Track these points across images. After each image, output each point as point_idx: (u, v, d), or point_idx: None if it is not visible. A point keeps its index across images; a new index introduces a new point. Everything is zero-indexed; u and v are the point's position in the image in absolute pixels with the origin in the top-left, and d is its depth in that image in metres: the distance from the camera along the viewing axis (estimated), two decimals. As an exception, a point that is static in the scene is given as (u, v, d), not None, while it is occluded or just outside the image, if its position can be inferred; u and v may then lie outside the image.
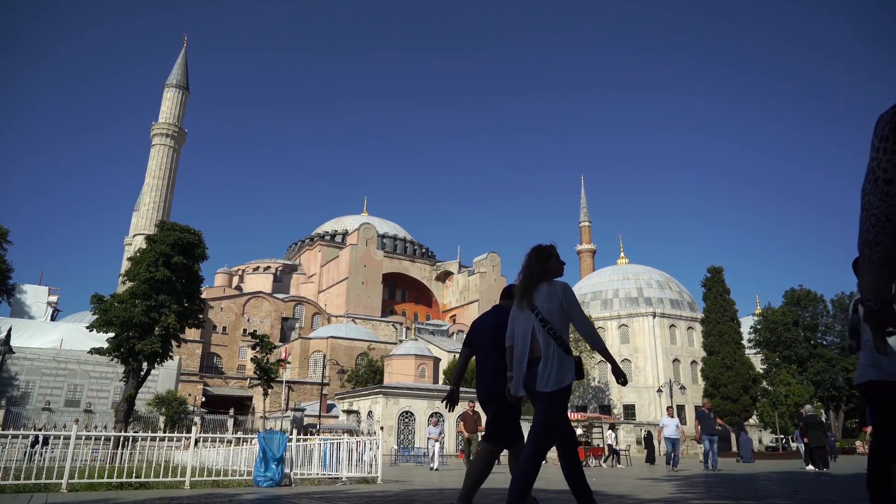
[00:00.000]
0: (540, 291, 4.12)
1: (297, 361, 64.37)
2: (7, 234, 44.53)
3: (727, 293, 54.51)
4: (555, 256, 4.29)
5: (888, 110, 2.10)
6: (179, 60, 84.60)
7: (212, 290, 79.90)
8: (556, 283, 4.17)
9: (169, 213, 78.18)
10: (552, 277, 4.21)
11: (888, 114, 2.08)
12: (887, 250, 1.92)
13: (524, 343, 4.15)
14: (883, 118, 2.08)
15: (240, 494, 8.40)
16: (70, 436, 9.94)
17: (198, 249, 28.83)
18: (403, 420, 41.40)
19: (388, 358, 58.41)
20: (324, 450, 12.94)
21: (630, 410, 63.63)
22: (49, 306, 58.69)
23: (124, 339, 26.76)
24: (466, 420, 16.62)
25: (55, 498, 8.00)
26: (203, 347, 68.90)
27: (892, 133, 1.99)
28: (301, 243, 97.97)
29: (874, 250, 1.96)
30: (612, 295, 70.66)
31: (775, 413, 46.92)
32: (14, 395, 40.89)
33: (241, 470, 11.67)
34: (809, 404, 19.48)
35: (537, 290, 4.14)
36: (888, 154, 1.97)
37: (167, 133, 80.00)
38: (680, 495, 7.87)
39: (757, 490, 8.88)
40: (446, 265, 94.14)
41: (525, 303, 4.15)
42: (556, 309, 4.04)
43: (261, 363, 40.51)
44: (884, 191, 1.95)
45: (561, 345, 4.01)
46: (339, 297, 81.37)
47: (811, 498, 7.25)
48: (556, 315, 4.03)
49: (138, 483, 9.76)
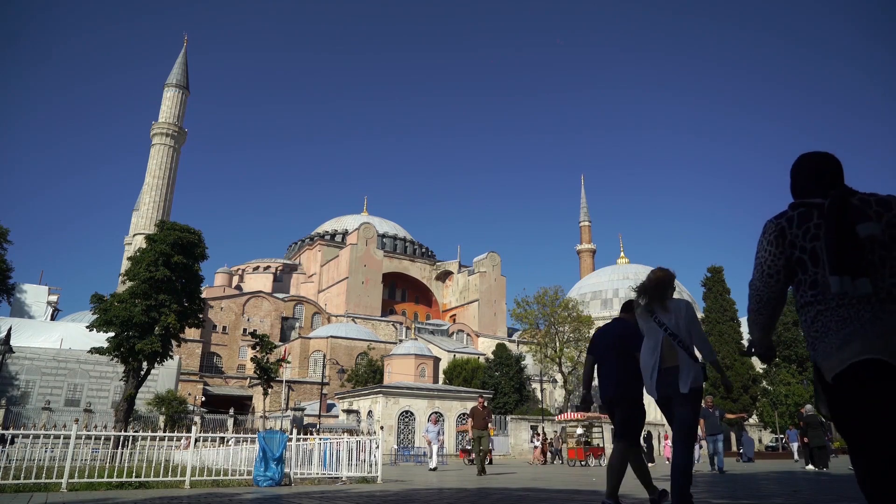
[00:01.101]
0: (664, 309, 4.80)
1: (297, 361, 64.37)
2: (7, 234, 44.56)
3: (727, 293, 54.53)
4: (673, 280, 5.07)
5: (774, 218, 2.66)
6: (179, 60, 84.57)
7: (212, 289, 79.88)
8: (679, 301, 4.86)
9: (169, 212, 78.17)
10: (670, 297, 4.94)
11: (774, 221, 2.64)
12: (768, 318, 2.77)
13: (654, 354, 4.76)
14: (770, 224, 2.65)
15: (240, 494, 8.40)
16: (70, 435, 9.94)
17: (198, 249, 28.83)
18: (403, 420, 41.40)
19: (388, 357, 58.41)
20: (324, 449, 12.94)
21: (630, 410, 63.57)
22: (49, 306, 58.69)
23: (124, 339, 26.76)
24: (476, 416, 15.52)
25: (55, 497, 8.00)
26: (203, 347, 68.89)
27: (777, 239, 2.60)
28: (301, 243, 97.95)
29: (760, 318, 2.78)
30: (612, 294, 70.71)
31: (775, 413, 46.94)
32: (14, 395, 40.89)
33: (240, 469, 11.67)
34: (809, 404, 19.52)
35: (660, 309, 4.82)
36: (772, 256, 2.62)
37: (167, 133, 79.97)
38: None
39: (757, 490, 8.88)
40: (446, 265, 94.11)
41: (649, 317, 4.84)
42: (682, 324, 4.70)
43: (261, 363, 40.49)
44: (766, 281, 2.68)
45: (690, 355, 4.64)
46: (338, 297, 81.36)
47: (811, 498, 7.25)
48: (682, 329, 4.69)
49: (138, 483, 9.76)
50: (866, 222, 2.41)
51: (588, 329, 59.20)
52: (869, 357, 2.31)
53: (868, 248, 2.41)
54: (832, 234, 2.43)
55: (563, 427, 39.97)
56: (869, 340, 2.32)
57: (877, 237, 2.41)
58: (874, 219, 2.42)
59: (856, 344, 2.34)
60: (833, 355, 2.40)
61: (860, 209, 2.46)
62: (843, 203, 2.48)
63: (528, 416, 47.54)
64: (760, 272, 2.67)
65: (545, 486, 10.27)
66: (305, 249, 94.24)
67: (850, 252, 2.39)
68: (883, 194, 2.53)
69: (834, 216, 2.46)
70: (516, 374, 56.39)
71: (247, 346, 63.83)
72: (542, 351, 57.56)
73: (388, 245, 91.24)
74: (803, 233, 2.55)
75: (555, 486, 10.24)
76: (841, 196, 2.51)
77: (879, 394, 2.30)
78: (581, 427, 31.10)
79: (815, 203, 2.59)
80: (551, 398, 65.59)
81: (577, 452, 27.48)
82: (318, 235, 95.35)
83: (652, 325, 4.79)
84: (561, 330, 57.98)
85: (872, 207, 2.46)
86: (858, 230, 2.41)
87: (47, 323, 50.93)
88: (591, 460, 27.10)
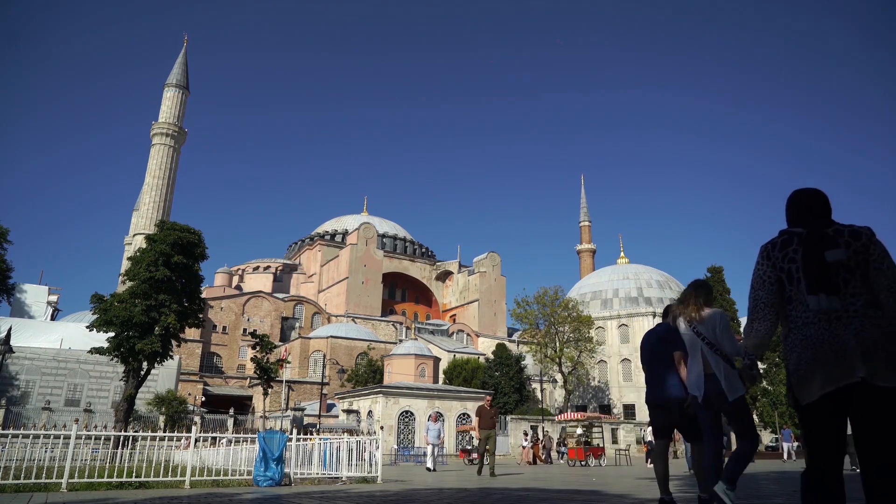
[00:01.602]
0: (701, 319, 5.13)
1: (297, 361, 64.37)
2: (7, 234, 44.54)
3: (727, 293, 54.54)
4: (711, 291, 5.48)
5: (765, 243, 3.13)
6: (179, 60, 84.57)
7: (212, 289, 79.88)
8: (714, 313, 5.15)
9: (169, 212, 78.17)
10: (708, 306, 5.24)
11: (764, 245, 3.12)
12: (766, 325, 3.05)
13: (696, 361, 5.13)
14: (761, 248, 3.12)
15: (239, 494, 8.40)
16: (70, 435, 9.94)
17: (198, 249, 28.84)
18: (403, 420, 41.40)
19: (388, 357, 58.40)
20: (324, 449, 12.94)
21: (630, 410, 63.61)
22: (49, 306, 58.68)
23: (124, 339, 26.76)
24: (483, 415, 15.11)
25: (55, 497, 8.00)
26: (203, 347, 68.88)
27: (764, 259, 3.07)
28: (301, 243, 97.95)
29: (756, 324, 3.07)
30: (612, 295, 70.68)
31: (775, 413, 46.95)
32: (14, 395, 40.88)
33: (240, 469, 11.67)
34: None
35: (697, 319, 5.15)
36: (765, 268, 3.06)
37: (167, 133, 79.97)
38: (680, 495, 7.86)
39: (757, 490, 8.88)
40: (446, 265, 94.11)
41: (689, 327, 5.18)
42: (718, 334, 5.03)
43: (261, 363, 40.49)
44: (763, 287, 3.05)
45: (729, 363, 4.99)
46: (338, 297, 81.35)
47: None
48: (719, 338, 5.01)
49: (138, 483, 9.76)
50: (834, 249, 2.84)
51: (588, 329, 59.24)
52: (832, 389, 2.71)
53: (833, 271, 2.83)
54: (806, 259, 2.90)
55: (564, 427, 39.98)
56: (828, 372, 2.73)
57: (842, 262, 2.83)
58: (843, 247, 2.84)
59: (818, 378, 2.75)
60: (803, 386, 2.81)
61: (833, 238, 2.89)
62: (817, 233, 2.94)
63: (528, 416, 47.55)
64: (758, 281, 3.08)
65: (545, 486, 10.28)
66: (305, 249, 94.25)
67: (823, 274, 2.83)
68: (859, 225, 2.93)
69: (809, 244, 2.93)
70: (516, 375, 56.39)
71: (247, 346, 63.84)
72: (542, 351, 57.57)
73: (388, 245, 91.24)
74: (783, 255, 3.01)
75: (555, 486, 10.24)
76: (816, 227, 2.98)
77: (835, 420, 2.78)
78: (581, 427, 31.08)
79: (796, 232, 3.05)
80: (551, 398, 65.60)
81: (577, 452, 27.46)
82: (318, 235, 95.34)
83: (691, 336, 5.11)
84: (561, 330, 57.98)
85: (844, 237, 2.88)
86: (826, 256, 2.84)
87: (47, 323, 50.93)
88: (592, 460, 27.09)
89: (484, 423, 14.84)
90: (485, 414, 15.06)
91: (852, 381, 2.67)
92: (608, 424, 45.79)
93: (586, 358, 59.80)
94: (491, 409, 15.17)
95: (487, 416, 14.93)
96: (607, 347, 66.28)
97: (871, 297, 2.78)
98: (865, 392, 2.66)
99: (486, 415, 14.97)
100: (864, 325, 2.73)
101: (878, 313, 2.75)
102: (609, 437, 44.37)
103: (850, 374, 2.67)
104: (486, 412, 15.07)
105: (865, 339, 2.70)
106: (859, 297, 2.79)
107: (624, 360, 66.22)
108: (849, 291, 2.80)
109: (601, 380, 66.53)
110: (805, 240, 2.96)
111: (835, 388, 2.69)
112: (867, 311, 2.76)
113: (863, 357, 2.67)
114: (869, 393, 2.65)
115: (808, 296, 2.83)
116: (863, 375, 2.65)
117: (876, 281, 2.78)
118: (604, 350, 65.29)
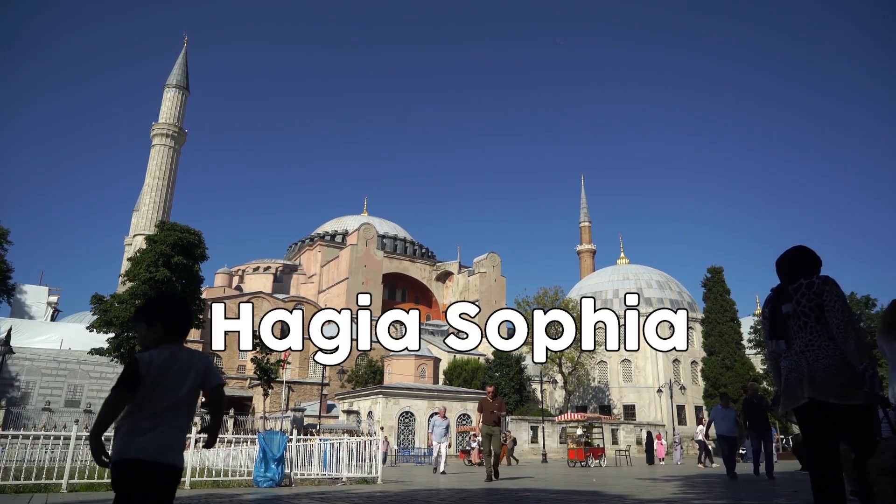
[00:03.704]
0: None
1: (297, 362, 64.35)
2: (7, 234, 44.52)
3: (727, 293, 54.51)
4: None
5: (768, 295, 3.91)
6: (179, 60, 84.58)
7: (212, 290, 79.83)
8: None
9: (169, 213, 78.15)
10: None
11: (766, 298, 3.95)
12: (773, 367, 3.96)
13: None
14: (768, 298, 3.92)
15: (240, 495, 8.40)
16: (70, 436, 9.93)
17: (198, 249, 28.89)
18: (403, 420, 41.38)
19: (388, 358, 58.39)
20: (324, 450, 12.93)
21: (630, 411, 63.59)
22: (49, 306, 58.71)
23: (124, 339, 26.79)
24: (485, 408, 12.74)
25: (55, 498, 8.00)
26: (203, 348, 68.71)
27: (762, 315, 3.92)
28: (301, 243, 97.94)
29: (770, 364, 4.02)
30: (612, 295, 70.64)
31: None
32: (14, 396, 40.87)
33: (241, 470, 11.67)
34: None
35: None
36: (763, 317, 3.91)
37: (167, 133, 79.99)
38: (681, 495, 7.86)
39: (758, 490, 8.88)
40: (446, 265, 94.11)
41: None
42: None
43: (261, 363, 40.49)
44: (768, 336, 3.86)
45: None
46: (339, 298, 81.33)
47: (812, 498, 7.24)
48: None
49: (138, 483, 9.74)
50: (787, 303, 3.68)
51: (588, 329, 59.02)
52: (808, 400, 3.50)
53: (787, 320, 3.69)
54: (765, 312, 3.88)
55: (564, 428, 39.98)
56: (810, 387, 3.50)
57: (790, 314, 3.66)
58: (793, 302, 3.66)
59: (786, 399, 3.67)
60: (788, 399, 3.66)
61: (789, 294, 3.71)
62: (778, 291, 3.84)
63: (528, 417, 47.53)
64: (766, 333, 3.93)
65: (545, 486, 10.27)
66: (305, 250, 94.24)
67: (778, 324, 3.72)
68: (818, 279, 3.64)
69: (769, 300, 3.86)
70: (516, 375, 56.38)
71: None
72: (542, 351, 57.56)
73: (388, 245, 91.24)
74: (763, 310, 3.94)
75: (555, 486, 10.24)
76: (779, 286, 3.87)
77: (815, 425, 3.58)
78: (581, 428, 31.04)
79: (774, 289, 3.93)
80: (551, 399, 65.57)
81: (577, 453, 27.43)
82: (319, 236, 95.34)
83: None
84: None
85: (801, 290, 3.65)
86: (782, 309, 3.72)
87: (47, 323, 50.95)
88: (592, 461, 27.06)
89: (486, 419, 12.53)
90: (487, 407, 12.73)
91: (801, 402, 3.53)
92: (608, 425, 45.75)
93: (586, 358, 59.76)
94: (494, 400, 12.81)
95: (491, 409, 12.62)
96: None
97: (827, 333, 3.51)
98: (814, 407, 3.50)
99: (490, 408, 12.65)
100: (818, 357, 3.49)
101: (832, 345, 3.48)
102: (609, 437, 44.30)
103: (800, 398, 3.54)
104: (488, 405, 12.75)
105: (814, 368, 3.48)
106: (816, 334, 3.54)
107: (624, 361, 66.18)
108: (806, 332, 3.58)
109: (601, 380, 66.49)
110: (768, 298, 3.87)
111: (795, 406, 3.60)
112: (822, 343, 3.51)
113: (809, 382, 3.48)
114: (816, 408, 3.49)
115: (768, 340, 3.80)
116: (810, 396, 3.47)
117: (829, 320, 3.49)
118: (604, 351, 65.22)
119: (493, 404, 12.69)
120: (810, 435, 3.58)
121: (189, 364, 2.80)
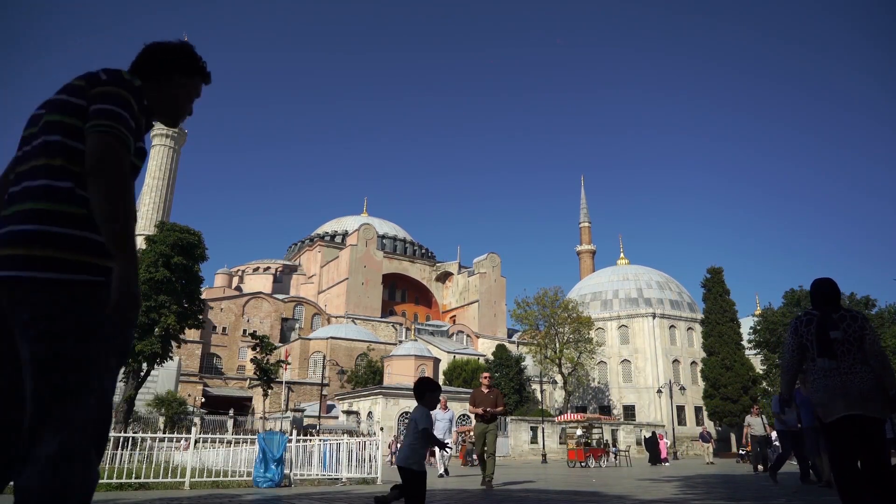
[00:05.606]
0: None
1: (297, 362, 64.34)
2: (7, 234, 44.47)
3: (727, 294, 54.52)
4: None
5: (796, 317, 4.67)
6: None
7: (212, 290, 79.83)
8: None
9: (169, 213, 78.17)
10: None
11: (794, 320, 4.67)
12: (792, 377, 4.76)
13: None
14: (793, 321, 4.69)
15: (239, 495, 8.40)
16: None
17: (197, 250, 28.85)
18: (403, 421, 41.37)
19: (388, 358, 58.37)
20: (323, 450, 12.93)
21: (630, 411, 63.58)
22: (49, 307, 58.57)
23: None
24: (479, 401, 10.54)
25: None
26: (203, 348, 68.84)
27: (794, 332, 4.61)
28: (301, 244, 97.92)
29: (787, 377, 4.75)
30: (612, 295, 70.62)
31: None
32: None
33: (240, 471, 11.66)
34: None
35: None
36: (792, 340, 4.61)
37: (167, 133, 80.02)
38: (681, 496, 7.86)
39: (758, 490, 8.87)
40: (446, 266, 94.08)
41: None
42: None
43: (261, 364, 40.44)
44: (790, 355, 4.64)
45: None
46: (338, 298, 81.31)
47: (812, 499, 7.24)
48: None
49: (138, 484, 9.75)
50: (835, 330, 4.37)
51: (588, 330, 59.07)
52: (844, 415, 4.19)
53: (835, 344, 4.38)
54: (818, 335, 4.48)
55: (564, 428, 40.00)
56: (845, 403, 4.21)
57: (838, 339, 4.37)
58: (840, 328, 4.37)
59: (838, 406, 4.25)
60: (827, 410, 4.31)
61: (836, 321, 4.42)
62: (824, 318, 4.49)
63: (528, 417, 47.51)
64: (787, 350, 4.68)
65: (545, 486, 10.26)
66: (305, 250, 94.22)
67: (825, 345, 4.39)
68: (858, 315, 4.45)
69: (818, 326, 4.49)
70: (516, 375, 56.38)
71: (247, 347, 63.76)
72: (542, 352, 57.54)
73: (387, 246, 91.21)
74: (807, 330, 4.54)
75: (555, 486, 10.23)
76: (824, 314, 4.52)
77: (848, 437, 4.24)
78: (581, 428, 31.02)
79: (814, 314, 4.57)
80: (551, 399, 65.53)
81: (577, 454, 27.41)
82: (318, 236, 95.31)
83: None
84: (561, 331, 57.94)
85: (846, 321, 4.39)
86: (830, 334, 4.40)
87: (47, 324, 50.85)
88: (591, 461, 27.04)
89: (482, 415, 10.40)
90: (481, 399, 10.50)
91: (855, 412, 4.16)
92: (608, 425, 45.73)
93: (586, 359, 59.76)
94: (489, 391, 10.60)
95: (485, 402, 10.41)
96: (607, 348, 66.24)
97: (862, 358, 4.31)
98: (863, 421, 4.17)
99: (483, 401, 10.45)
100: (864, 379, 4.24)
101: (869, 369, 4.27)
102: (609, 438, 44.26)
103: (855, 408, 4.17)
104: (482, 397, 10.52)
105: (861, 388, 4.22)
106: (857, 359, 4.30)
107: (624, 361, 66.17)
108: (850, 356, 4.32)
109: (601, 381, 66.48)
110: (817, 322, 4.51)
111: (848, 414, 4.18)
112: (862, 368, 4.27)
113: (857, 399, 4.19)
114: (864, 421, 4.17)
115: (818, 358, 4.43)
116: (852, 412, 4.16)
117: (868, 350, 4.30)
118: (604, 351, 65.24)
119: (487, 396, 10.49)
120: (842, 446, 4.20)
121: None
